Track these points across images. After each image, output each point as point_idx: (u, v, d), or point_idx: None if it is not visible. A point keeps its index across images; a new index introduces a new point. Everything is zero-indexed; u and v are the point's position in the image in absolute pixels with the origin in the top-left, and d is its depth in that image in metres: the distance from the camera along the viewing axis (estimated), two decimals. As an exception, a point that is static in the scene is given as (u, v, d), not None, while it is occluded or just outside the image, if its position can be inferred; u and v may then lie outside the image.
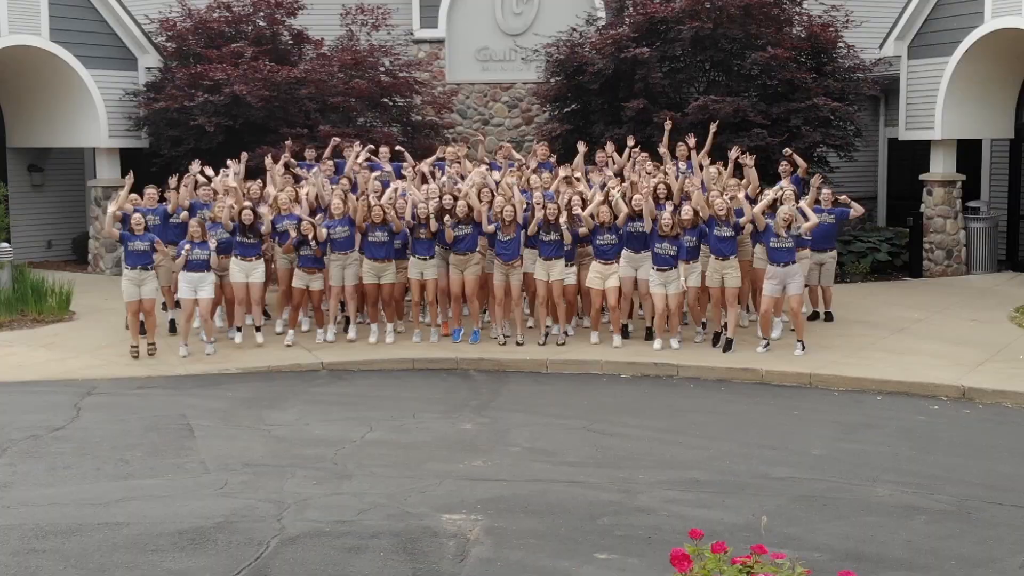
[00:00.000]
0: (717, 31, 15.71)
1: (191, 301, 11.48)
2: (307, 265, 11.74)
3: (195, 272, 11.43)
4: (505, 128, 19.65)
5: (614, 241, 11.55)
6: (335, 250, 11.80)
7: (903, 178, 19.16)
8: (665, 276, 11.30)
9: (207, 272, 11.54)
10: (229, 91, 15.81)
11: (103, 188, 17.40)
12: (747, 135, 15.41)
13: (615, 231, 11.53)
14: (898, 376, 10.22)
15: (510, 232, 11.57)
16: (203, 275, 11.49)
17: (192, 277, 11.43)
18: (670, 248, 11.26)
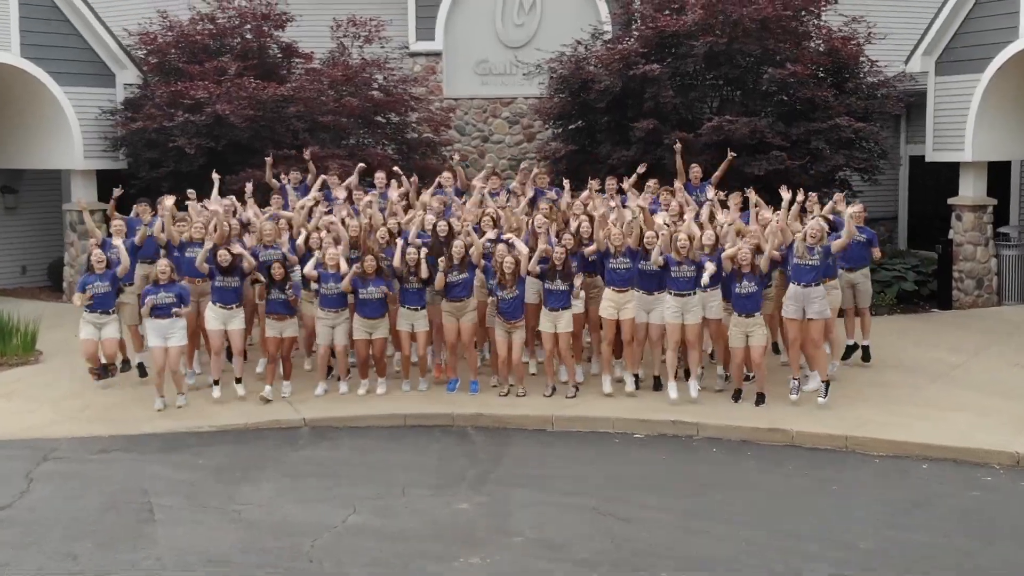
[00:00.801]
0: (732, 46, 14.66)
1: (162, 351, 10.43)
2: (277, 311, 10.64)
3: (164, 319, 10.39)
4: (506, 145, 18.63)
5: (628, 265, 10.49)
6: (325, 307, 10.69)
7: (926, 198, 18.13)
8: (683, 303, 10.27)
9: (177, 318, 10.50)
10: (211, 111, 14.79)
11: (79, 212, 16.34)
12: (765, 158, 14.38)
13: (630, 254, 10.49)
14: (944, 439, 9.18)
15: (511, 289, 10.52)
16: (172, 321, 10.44)
17: (161, 325, 10.38)
18: (688, 270, 10.23)
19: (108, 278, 10.47)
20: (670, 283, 10.28)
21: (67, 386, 11.35)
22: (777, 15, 14.59)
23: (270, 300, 10.60)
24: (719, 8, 14.62)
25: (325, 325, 10.70)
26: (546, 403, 10.46)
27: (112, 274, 10.51)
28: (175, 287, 10.49)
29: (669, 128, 14.79)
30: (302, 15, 17.08)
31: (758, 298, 10.27)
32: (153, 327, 10.40)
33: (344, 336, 10.74)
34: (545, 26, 18.21)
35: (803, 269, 10.14)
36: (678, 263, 10.20)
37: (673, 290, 10.27)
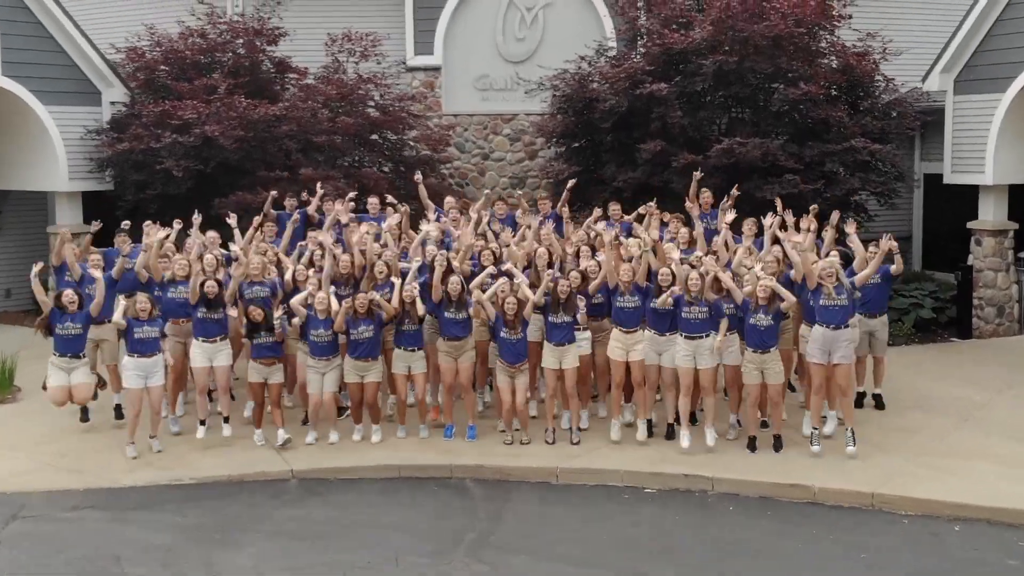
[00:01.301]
0: (743, 64, 14.04)
1: (139, 392, 9.81)
2: (263, 356, 9.99)
3: (144, 357, 9.77)
4: (507, 163, 18.02)
5: (636, 303, 9.87)
6: (315, 355, 10.05)
7: (942, 218, 17.50)
8: (695, 346, 9.63)
9: (159, 355, 9.88)
10: (200, 131, 14.18)
11: (63, 236, 15.74)
12: (777, 181, 13.75)
13: (638, 291, 9.86)
14: (976, 497, 8.55)
15: (515, 331, 9.89)
16: (154, 360, 9.83)
17: (144, 363, 9.77)
18: (700, 311, 9.60)
19: (81, 319, 9.82)
20: (681, 324, 9.67)
21: (44, 428, 10.72)
22: (790, 32, 13.98)
23: (255, 344, 9.95)
24: (729, 24, 14.02)
25: (315, 372, 10.07)
26: (550, 452, 9.81)
27: (85, 314, 9.86)
28: (158, 323, 9.90)
29: (676, 149, 14.20)
30: (296, 30, 16.49)
31: (774, 332, 9.64)
32: (134, 365, 9.78)
33: (334, 383, 10.09)
34: (547, 40, 17.63)
35: (831, 310, 9.53)
36: (689, 303, 9.58)
37: (684, 332, 9.65)
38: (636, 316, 9.88)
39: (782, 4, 14.21)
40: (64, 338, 9.74)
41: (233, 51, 15.77)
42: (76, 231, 15.59)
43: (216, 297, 9.98)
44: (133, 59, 15.75)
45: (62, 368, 9.76)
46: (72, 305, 9.74)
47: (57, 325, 9.73)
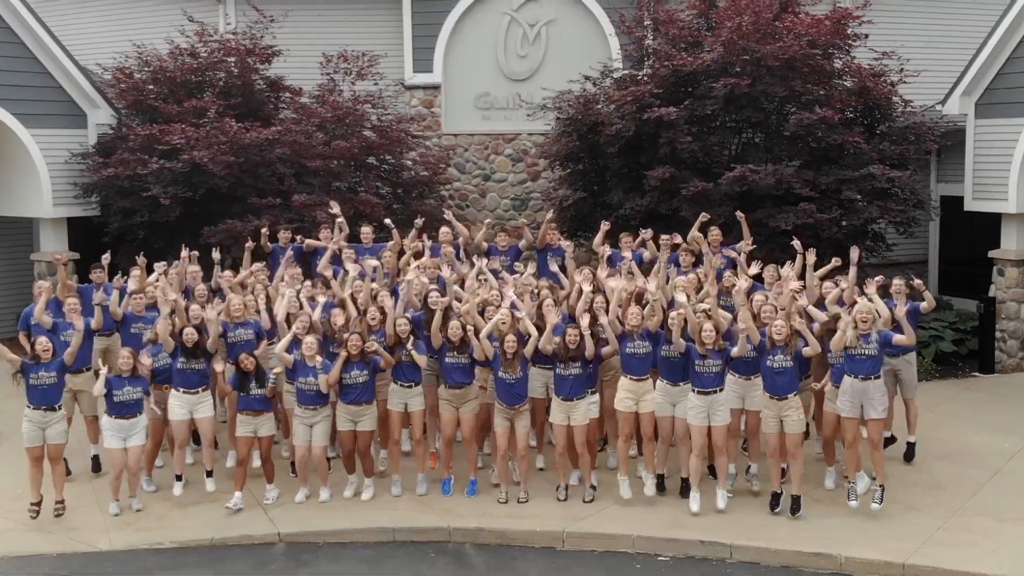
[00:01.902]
0: (755, 88, 13.43)
1: (120, 453, 9.18)
2: (250, 408, 9.34)
3: (124, 419, 9.15)
4: (508, 184, 17.43)
5: (648, 349, 9.22)
6: (302, 403, 9.41)
7: (959, 242, 16.91)
8: (708, 401, 8.98)
9: (140, 416, 9.26)
10: (188, 158, 13.57)
11: (47, 263, 15.15)
12: (792, 210, 13.15)
13: (649, 336, 9.23)
14: (1014, 568, 7.93)
15: (514, 370, 9.28)
16: (135, 420, 9.21)
17: (122, 425, 9.15)
18: (714, 365, 8.96)
19: (54, 367, 9.16)
20: (693, 378, 9.01)
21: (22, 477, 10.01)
22: (804, 53, 13.37)
23: (242, 397, 9.32)
24: (740, 46, 13.41)
25: (302, 423, 9.42)
26: (555, 512, 9.17)
27: (60, 363, 9.23)
28: (142, 381, 9.25)
29: (686, 175, 13.59)
30: (290, 49, 15.90)
31: (793, 376, 9.01)
32: (113, 427, 9.15)
33: (324, 436, 9.44)
34: (550, 57, 17.07)
35: (858, 360, 8.89)
36: (702, 356, 8.95)
37: (696, 387, 9.00)
38: (646, 363, 9.25)
39: (796, 24, 13.63)
40: (38, 388, 9.10)
41: (225, 70, 15.17)
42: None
43: (196, 345, 9.35)
44: (120, 79, 15.14)
45: (36, 423, 9.11)
46: (46, 354, 9.10)
47: (30, 375, 9.09)
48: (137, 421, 9.21)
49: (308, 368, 9.27)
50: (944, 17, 17.16)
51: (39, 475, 9.22)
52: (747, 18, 13.54)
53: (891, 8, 16.36)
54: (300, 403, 9.38)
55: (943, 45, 16.80)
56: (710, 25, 14.64)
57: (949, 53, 16.57)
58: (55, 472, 9.24)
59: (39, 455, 9.15)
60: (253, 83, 15.33)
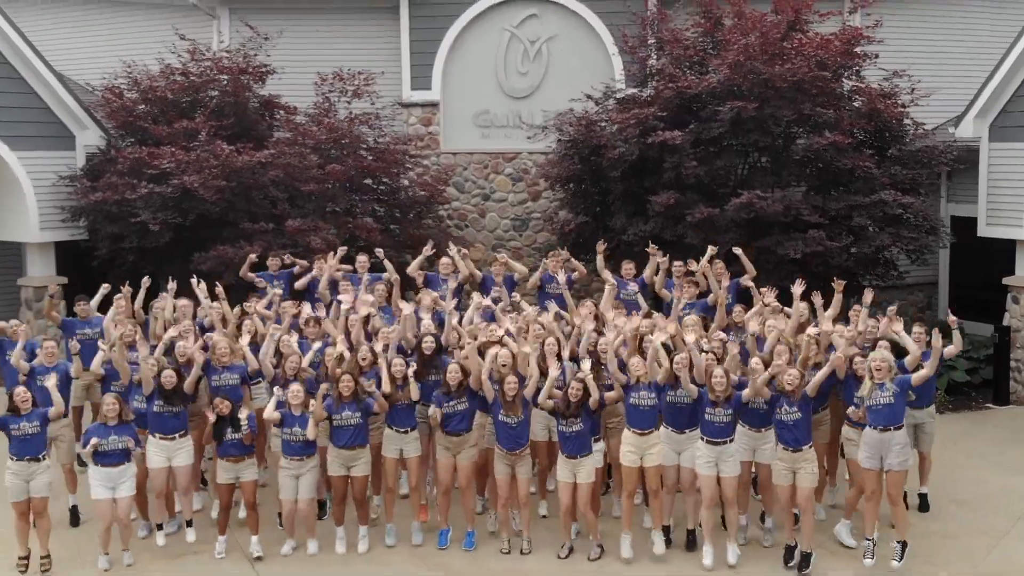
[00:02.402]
0: (763, 111, 13.02)
1: (107, 504, 8.77)
2: (229, 454, 8.90)
3: (112, 467, 8.73)
4: (508, 204, 17.01)
5: (653, 401, 8.80)
6: (287, 454, 8.96)
7: (971, 264, 16.48)
8: (718, 452, 8.56)
9: (127, 464, 8.83)
10: (178, 182, 13.17)
11: (35, 288, 14.75)
12: (801, 237, 12.74)
13: (655, 388, 8.81)
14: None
15: (516, 412, 8.87)
16: (123, 468, 8.79)
17: (110, 474, 8.73)
18: (724, 414, 8.53)
19: (37, 416, 8.71)
20: (703, 426, 8.59)
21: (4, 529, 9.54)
22: (814, 75, 12.96)
23: (223, 443, 8.88)
24: (748, 67, 13.00)
25: (288, 475, 8.98)
26: (556, 570, 8.74)
27: (41, 412, 8.77)
28: (129, 429, 8.81)
29: (691, 201, 13.19)
30: (284, 68, 15.48)
31: (806, 427, 8.58)
32: (99, 476, 8.73)
33: (311, 488, 8.99)
34: (551, 75, 16.64)
35: (875, 410, 8.45)
36: (713, 403, 8.53)
37: (706, 436, 8.58)
38: (652, 416, 8.81)
39: (804, 45, 13.23)
40: (20, 439, 8.63)
41: (218, 88, 14.75)
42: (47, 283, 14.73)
43: (175, 388, 8.91)
44: (108, 100, 14.73)
45: (20, 475, 8.64)
46: (25, 404, 8.65)
47: (11, 427, 8.62)
48: (124, 469, 8.78)
49: (294, 418, 8.84)
50: (955, 34, 16.73)
51: (26, 527, 8.80)
52: (754, 38, 13.15)
53: (901, 26, 15.95)
54: (286, 454, 8.95)
55: (954, 62, 16.40)
56: (716, 43, 14.25)
57: (960, 70, 16.22)
58: (40, 526, 8.77)
59: (24, 509, 8.68)
60: (246, 102, 14.92)
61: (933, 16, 16.66)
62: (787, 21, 13.62)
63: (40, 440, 8.72)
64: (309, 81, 15.39)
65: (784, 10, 13.77)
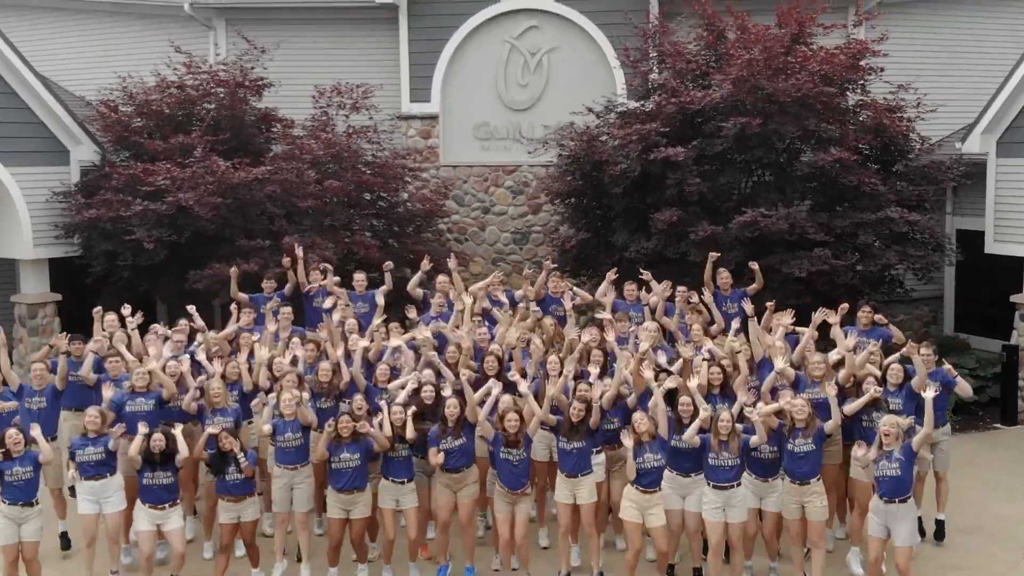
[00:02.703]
0: (767, 127, 12.81)
1: (92, 518, 8.58)
2: (230, 493, 8.63)
3: (95, 479, 8.53)
4: (508, 217, 16.82)
5: (659, 462, 8.44)
6: (281, 462, 8.78)
7: (977, 277, 16.26)
8: (725, 497, 8.29)
9: (111, 476, 8.62)
10: (173, 200, 12.97)
11: (28, 306, 14.55)
12: (807, 256, 12.53)
13: (659, 445, 8.43)
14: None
15: (518, 451, 8.64)
16: (106, 482, 8.59)
17: (92, 487, 8.54)
18: (730, 458, 8.28)
19: (29, 460, 8.42)
20: (708, 472, 8.31)
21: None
22: (819, 91, 12.75)
23: (221, 481, 8.65)
24: (751, 83, 12.79)
25: (282, 486, 8.73)
26: (558, 603, 8.56)
27: (34, 455, 8.47)
28: (106, 439, 8.58)
29: (694, 218, 12.99)
30: (281, 81, 15.33)
31: (816, 460, 8.37)
32: (83, 490, 8.55)
33: (307, 500, 8.80)
34: (552, 86, 16.45)
35: (882, 481, 8.11)
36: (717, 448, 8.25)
37: (712, 481, 8.29)
38: (658, 475, 8.48)
39: (808, 59, 13.03)
40: (13, 485, 8.32)
41: (215, 101, 14.55)
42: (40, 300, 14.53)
43: (164, 452, 8.49)
44: (103, 115, 14.53)
45: (12, 519, 8.33)
46: (17, 447, 8.34)
47: (5, 472, 8.31)
48: (109, 482, 8.57)
49: (287, 424, 8.65)
50: (964, 44, 16.51)
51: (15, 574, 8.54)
52: (758, 52, 12.94)
53: (907, 37, 15.75)
54: (280, 463, 8.75)
55: (961, 73, 16.21)
56: (719, 56, 14.05)
57: (968, 81, 16.01)
58: (29, 571, 8.50)
59: (14, 557, 8.35)
60: (243, 116, 14.72)
61: (940, 27, 16.46)
62: (791, 34, 13.43)
63: (34, 485, 8.43)
64: (307, 93, 15.22)
65: (788, 23, 13.57)
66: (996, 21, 16.69)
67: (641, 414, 8.50)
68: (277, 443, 8.76)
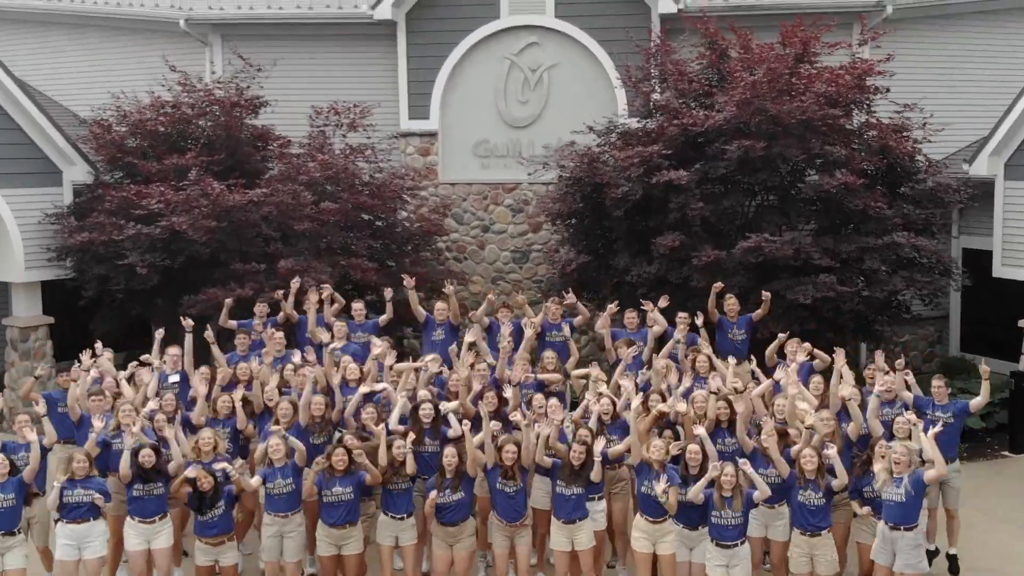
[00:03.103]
0: (771, 150, 12.57)
1: (72, 565, 8.34)
2: (208, 534, 8.40)
3: (78, 523, 8.31)
4: (508, 236, 16.59)
5: None
6: (270, 510, 8.53)
7: (983, 297, 16.03)
8: (728, 555, 8.03)
9: (94, 520, 8.40)
10: (167, 224, 12.75)
11: (20, 329, 14.32)
12: (811, 282, 12.29)
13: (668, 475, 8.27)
14: None
15: (515, 482, 8.43)
16: (90, 526, 8.36)
17: (75, 531, 8.31)
18: (734, 516, 8.02)
19: (12, 487, 8.28)
20: (712, 528, 8.06)
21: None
22: (824, 114, 12.52)
23: (199, 520, 8.43)
24: (755, 106, 12.56)
25: (272, 534, 8.50)
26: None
27: (17, 481, 8.34)
28: (94, 482, 8.39)
29: (697, 242, 12.76)
30: (278, 100, 15.11)
31: (826, 512, 8.15)
32: (65, 533, 8.31)
33: (298, 550, 8.56)
34: (553, 103, 16.23)
35: (888, 506, 7.97)
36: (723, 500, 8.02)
37: (715, 538, 8.04)
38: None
39: (813, 79, 12.80)
40: None
41: (211, 119, 14.32)
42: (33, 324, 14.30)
43: (153, 468, 8.39)
44: (96, 135, 14.30)
45: None
46: (1, 471, 8.22)
47: None
48: (92, 527, 8.35)
49: (276, 470, 8.42)
50: (973, 60, 16.23)
51: None
52: (762, 74, 12.71)
53: (913, 55, 15.50)
54: (269, 510, 8.52)
55: (970, 89, 15.93)
56: (722, 76, 13.82)
57: (976, 97, 15.76)
58: None
59: None
60: (239, 134, 14.49)
61: (949, 42, 16.18)
62: (795, 54, 13.20)
63: (16, 512, 8.30)
64: (304, 110, 15.05)
65: (792, 42, 13.34)
66: (1006, 35, 16.42)
67: (659, 441, 8.32)
68: (267, 490, 8.51)
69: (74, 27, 17.51)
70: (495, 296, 12.10)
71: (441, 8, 15.98)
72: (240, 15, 16.20)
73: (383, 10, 15.75)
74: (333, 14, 16.13)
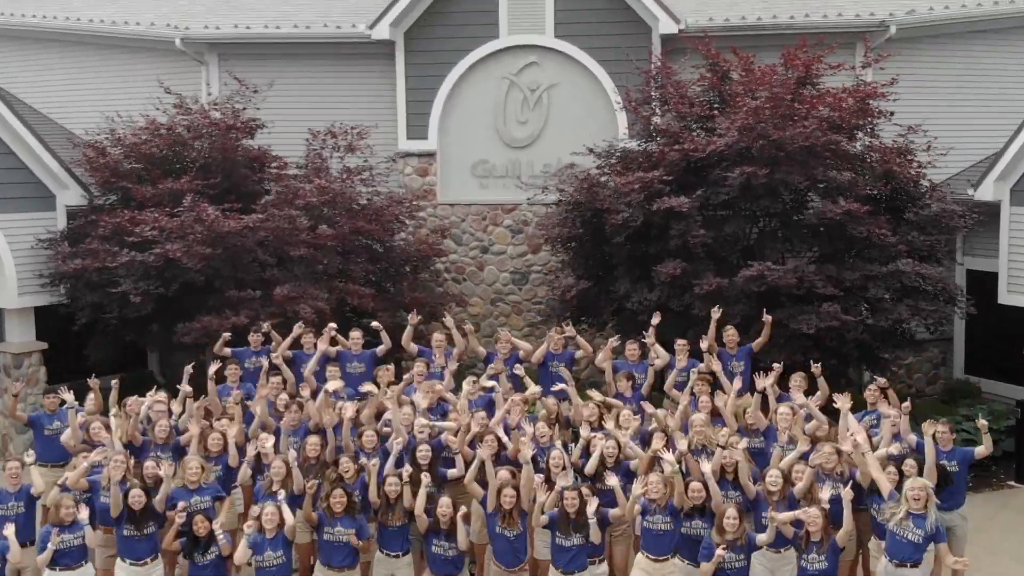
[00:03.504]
0: (774, 177, 12.39)
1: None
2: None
3: (68, 570, 8.20)
4: (507, 257, 16.42)
5: (668, 526, 8.15)
6: None
7: (987, 320, 15.82)
8: None
9: (84, 565, 8.30)
10: (161, 251, 12.58)
11: (13, 355, 14.14)
12: (815, 311, 12.10)
13: (671, 511, 8.15)
14: None
15: (514, 525, 8.26)
16: (81, 571, 8.28)
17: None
18: (737, 560, 7.87)
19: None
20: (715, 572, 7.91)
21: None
22: (828, 139, 12.34)
23: (193, 565, 8.27)
24: (757, 131, 12.38)
25: None
26: None
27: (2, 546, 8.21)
28: (80, 526, 8.28)
29: (699, 269, 12.57)
30: (275, 122, 14.96)
31: (834, 570, 7.96)
32: None
33: None
34: (552, 124, 16.07)
35: (900, 544, 7.82)
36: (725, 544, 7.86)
37: None
38: (668, 541, 8.15)
39: (815, 103, 12.62)
40: None
41: (207, 141, 14.14)
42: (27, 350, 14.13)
43: (143, 509, 8.28)
44: (90, 159, 14.12)
45: None
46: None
47: None
48: (82, 572, 8.26)
49: (266, 542, 8.17)
50: (976, 79, 16.03)
51: None
52: (764, 99, 12.53)
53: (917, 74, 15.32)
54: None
55: (975, 109, 15.73)
56: (723, 98, 13.64)
57: (981, 116, 15.57)
58: None
59: None
60: (235, 157, 14.31)
61: (954, 61, 15.98)
62: (797, 77, 13.02)
63: None
64: (301, 130, 14.91)
65: (794, 64, 13.17)
66: (1011, 54, 16.22)
67: (657, 477, 8.18)
68: (257, 563, 8.22)
69: (69, 45, 17.34)
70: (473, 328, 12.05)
71: (440, 28, 15.83)
72: (237, 34, 16.04)
73: (381, 30, 15.59)
74: (331, 34, 15.96)
